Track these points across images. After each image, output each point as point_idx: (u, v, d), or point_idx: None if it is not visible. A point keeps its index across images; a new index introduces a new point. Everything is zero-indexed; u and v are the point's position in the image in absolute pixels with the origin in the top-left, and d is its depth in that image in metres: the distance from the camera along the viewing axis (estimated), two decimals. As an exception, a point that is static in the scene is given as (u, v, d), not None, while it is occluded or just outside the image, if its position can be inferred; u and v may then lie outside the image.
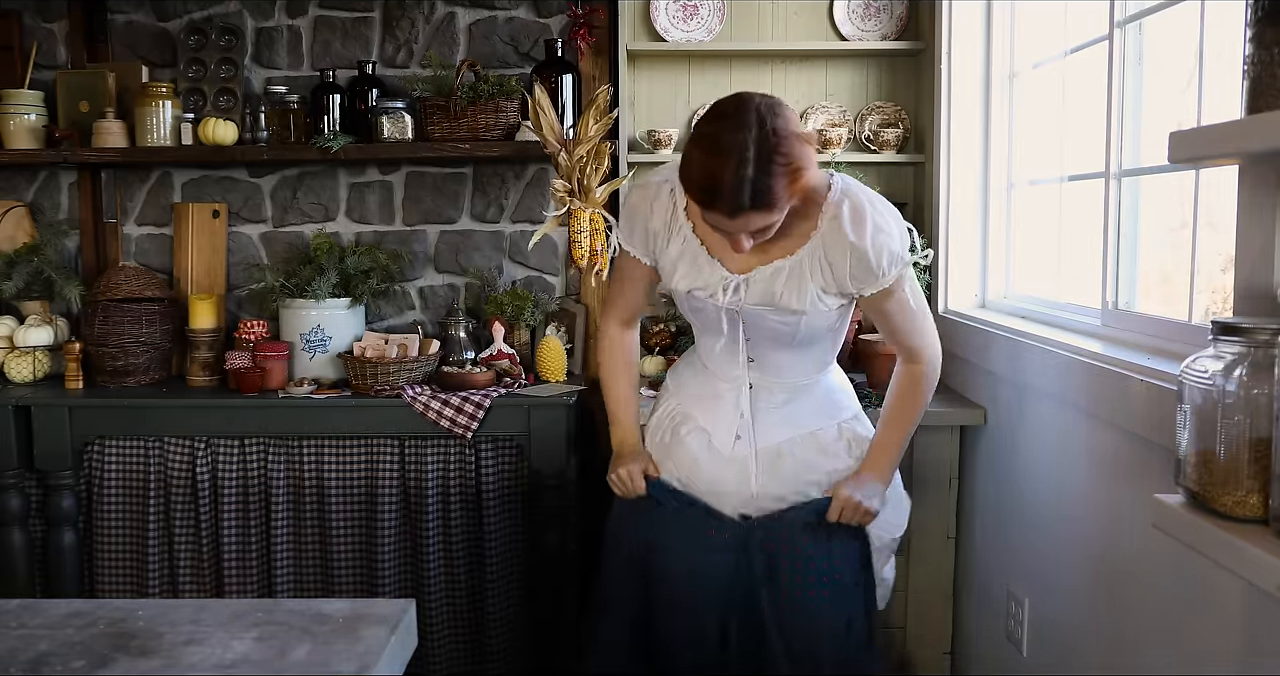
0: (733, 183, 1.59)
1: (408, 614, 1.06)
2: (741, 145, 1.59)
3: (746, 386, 1.93)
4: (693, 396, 2.00)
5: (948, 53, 2.72)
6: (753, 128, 1.60)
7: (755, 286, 1.82)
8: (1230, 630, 1.40)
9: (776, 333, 1.85)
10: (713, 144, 1.62)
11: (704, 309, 1.89)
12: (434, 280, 3.13)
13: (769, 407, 1.93)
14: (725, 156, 1.60)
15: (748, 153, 1.59)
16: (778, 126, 1.61)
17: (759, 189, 1.60)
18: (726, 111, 1.64)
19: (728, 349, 1.92)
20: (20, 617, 1.05)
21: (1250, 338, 1.13)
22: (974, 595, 2.50)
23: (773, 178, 1.60)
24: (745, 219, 1.64)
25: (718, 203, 1.62)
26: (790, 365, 1.92)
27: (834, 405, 1.98)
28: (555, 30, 3.02)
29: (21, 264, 2.94)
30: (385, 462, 2.64)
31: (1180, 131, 1.21)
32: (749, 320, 1.86)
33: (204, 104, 3.02)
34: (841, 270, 1.78)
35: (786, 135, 1.62)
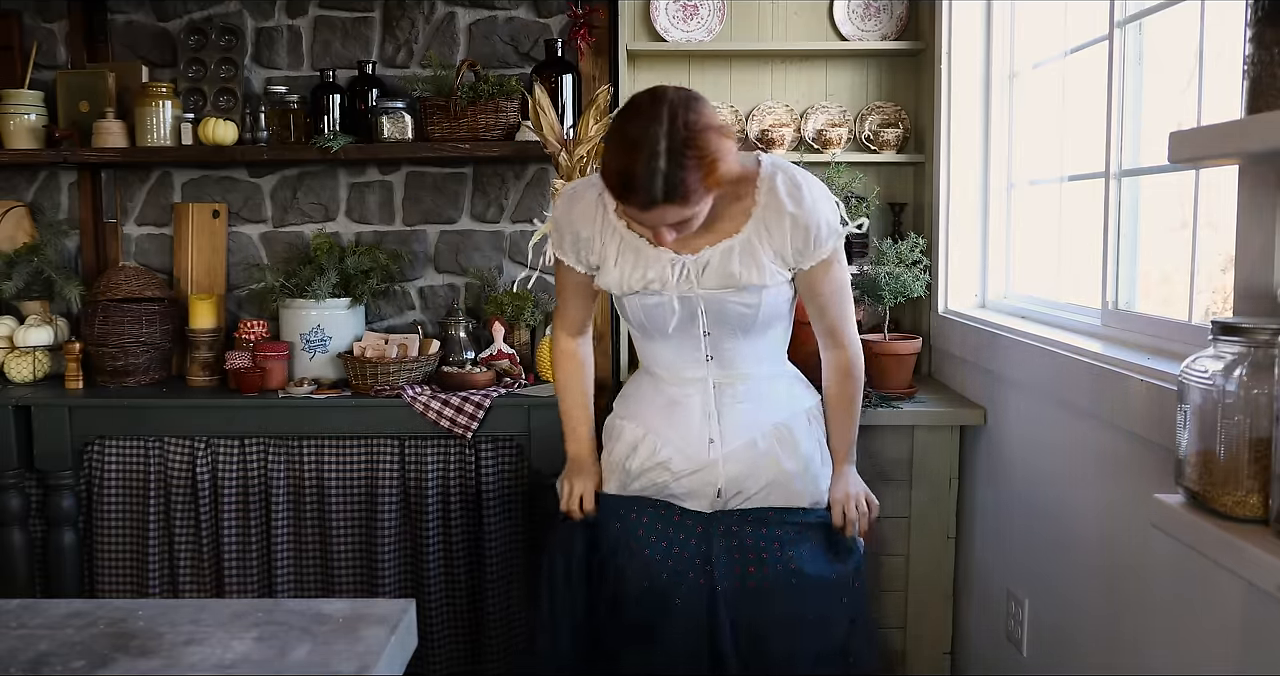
0: (645, 176, 1.61)
1: (408, 614, 1.06)
2: (653, 139, 1.62)
3: (710, 386, 1.91)
4: (653, 415, 1.95)
5: (948, 53, 2.72)
6: (664, 122, 1.62)
7: (710, 269, 1.81)
8: (1230, 630, 1.40)
9: (738, 317, 1.84)
10: (625, 138, 1.64)
11: (658, 306, 1.85)
12: (434, 280, 3.13)
13: (734, 403, 1.90)
14: (637, 150, 1.62)
15: (659, 146, 1.61)
16: (690, 120, 1.64)
17: (671, 182, 1.62)
18: (640, 107, 1.67)
19: (685, 349, 1.90)
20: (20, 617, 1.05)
21: (1250, 337, 1.13)
22: (974, 595, 2.50)
23: (685, 170, 1.62)
24: (660, 212, 1.66)
25: (631, 196, 1.65)
26: (750, 356, 1.91)
27: (795, 398, 1.98)
28: (555, 30, 3.02)
29: (21, 264, 2.94)
30: (385, 462, 2.64)
31: (1180, 131, 1.21)
32: (709, 308, 1.84)
33: (204, 104, 3.02)
34: (783, 241, 1.81)
35: (699, 128, 1.64)
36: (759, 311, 1.85)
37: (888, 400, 2.50)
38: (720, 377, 1.91)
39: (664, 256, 1.83)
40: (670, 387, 1.94)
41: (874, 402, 2.47)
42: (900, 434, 2.49)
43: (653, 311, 1.87)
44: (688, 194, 1.64)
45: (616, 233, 1.86)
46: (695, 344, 1.89)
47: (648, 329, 1.92)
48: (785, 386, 1.98)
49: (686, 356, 1.91)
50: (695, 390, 1.92)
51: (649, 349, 1.97)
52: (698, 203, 1.68)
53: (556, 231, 1.94)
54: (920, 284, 2.59)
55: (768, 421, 1.91)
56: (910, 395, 2.57)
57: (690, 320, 1.86)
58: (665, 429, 1.92)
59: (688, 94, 1.68)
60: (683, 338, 1.89)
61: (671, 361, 1.93)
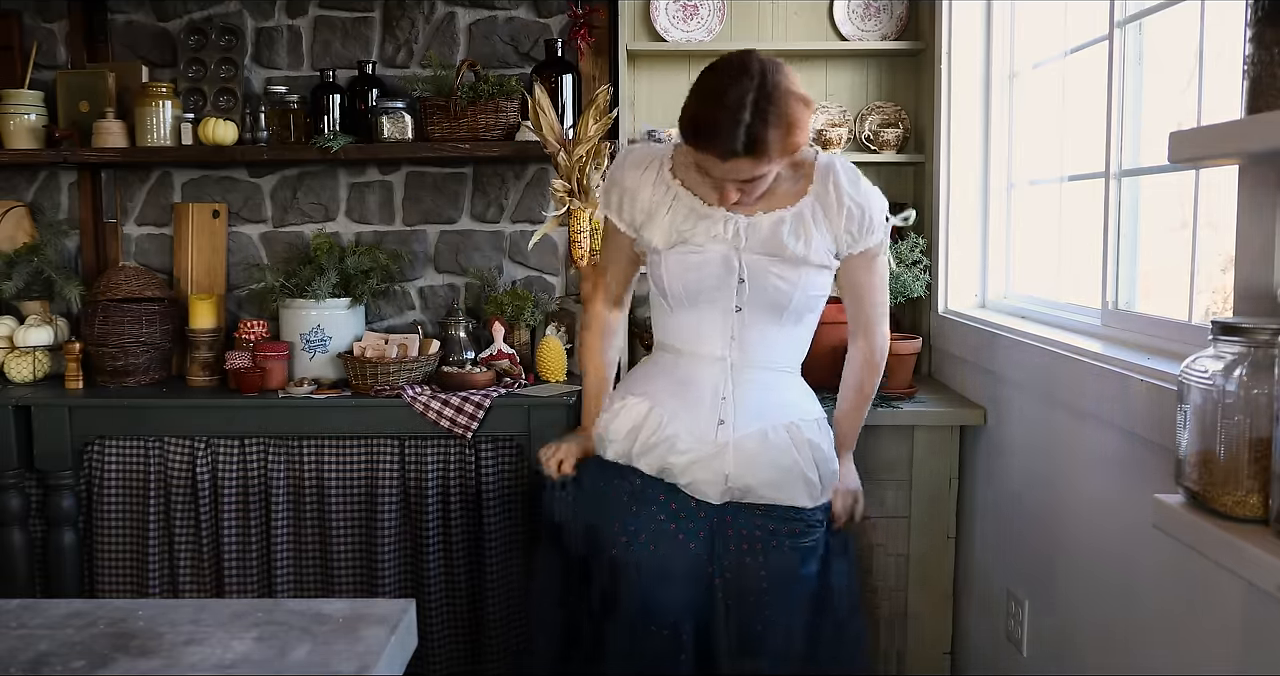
0: (729, 126, 1.65)
1: (408, 614, 1.06)
2: (742, 91, 1.65)
3: (728, 367, 1.87)
4: (661, 390, 1.91)
5: (948, 53, 2.72)
6: (754, 77, 1.67)
7: (760, 232, 1.83)
8: (1230, 630, 1.40)
9: (775, 292, 1.84)
10: (713, 89, 1.68)
11: (700, 265, 1.84)
12: (434, 280, 3.13)
13: (749, 389, 1.88)
14: (724, 99, 1.66)
15: (746, 98, 1.65)
16: (778, 80, 1.68)
17: (753, 136, 1.65)
18: (731, 62, 1.71)
19: (712, 323, 1.87)
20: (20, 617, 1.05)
21: (1250, 337, 1.13)
22: (974, 595, 2.50)
23: (767, 126, 1.66)
24: (735, 165, 1.69)
25: (711, 144, 1.67)
26: (773, 346, 1.89)
27: (808, 404, 1.97)
28: (555, 30, 3.02)
29: (21, 264, 2.94)
30: (385, 462, 2.64)
31: (1180, 131, 1.21)
32: (750, 275, 1.83)
33: (204, 104, 3.02)
34: (837, 222, 1.85)
35: (786, 91, 1.68)
36: (795, 291, 1.84)
37: (888, 400, 2.50)
38: (740, 361, 1.88)
39: (717, 212, 1.84)
40: (685, 364, 1.90)
41: (874, 402, 2.46)
42: (900, 434, 2.49)
43: (692, 270, 1.85)
44: (766, 150, 1.67)
45: (670, 189, 1.87)
46: (724, 319, 1.87)
47: (681, 293, 1.87)
48: (799, 391, 1.96)
49: (712, 331, 1.88)
50: (712, 369, 1.88)
51: (672, 322, 1.92)
52: (771, 162, 1.71)
53: (607, 188, 1.94)
54: (920, 284, 2.59)
55: (781, 417, 1.89)
56: (910, 395, 2.57)
57: (727, 285, 1.84)
58: (673, 404, 1.88)
59: (778, 60, 1.73)
60: (712, 309, 1.86)
61: (694, 335, 1.89)
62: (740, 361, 1.88)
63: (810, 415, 1.94)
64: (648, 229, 1.89)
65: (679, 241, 1.85)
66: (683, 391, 1.89)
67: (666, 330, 1.95)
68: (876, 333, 2.01)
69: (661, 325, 1.97)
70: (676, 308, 1.90)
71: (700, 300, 1.86)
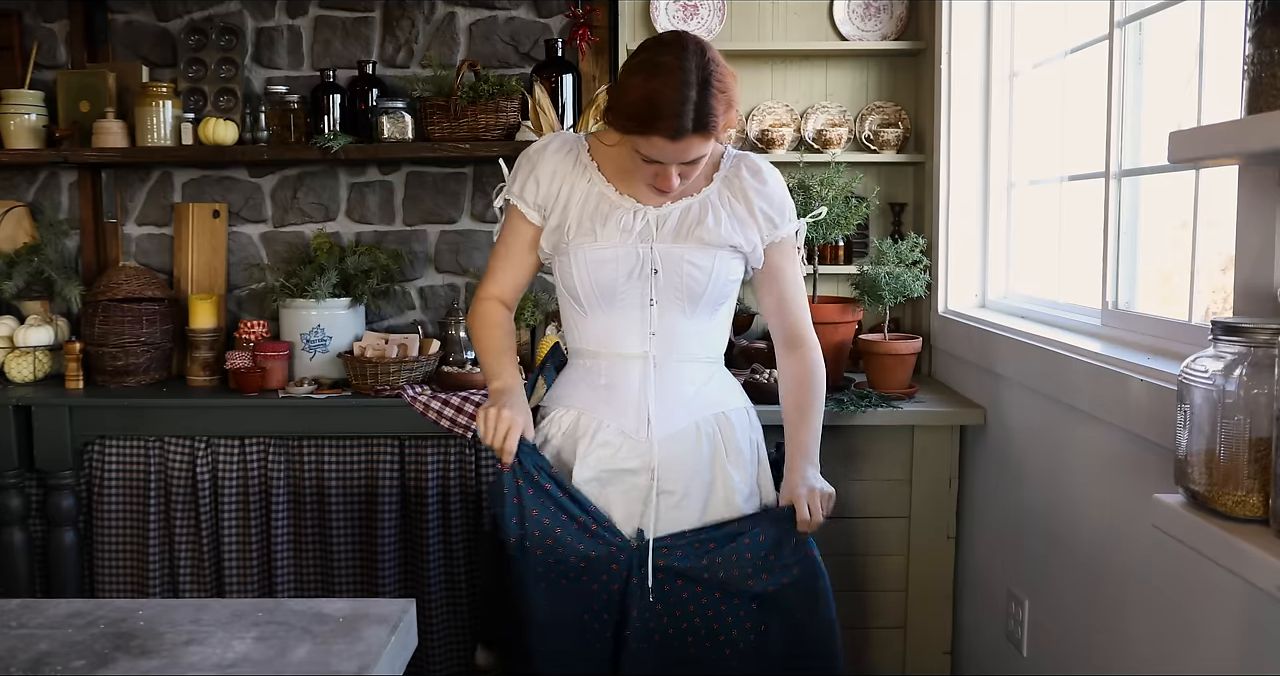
0: (677, 102, 1.62)
1: (408, 614, 1.06)
2: (685, 68, 1.64)
3: (651, 364, 1.82)
4: (586, 397, 1.85)
5: (948, 53, 2.72)
6: (693, 55, 1.65)
7: (671, 222, 1.82)
8: (1230, 630, 1.40)
9: (690, 281, 1.80)
10: (655, 67, 1.65)
11: (610, 262, 1.79)
12: (434, 280, 3.13)
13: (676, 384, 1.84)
14: (669, 77, 1.63)
15: (690, 75, 1.64)
16: (714, 56, 1.68)
17: (701, 111, 1.64)
18: (665, 41, 1.69)
19: (628, 321, 1.83)
20: (20, 617, 1.05)
21: (1250, 337, 1.13)
22: (974, 595, 2.50)
23: (713, 101, 1.65)
24: (686, 144, 1.67)
25: (660, 124, 1.64)
26: (694, 337, 1.85)
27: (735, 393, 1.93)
28: (555, 30, 3.02)
29: (22, 264, 2.94)
30: (385, 462, 2.64)
31: (1180, 131, 1.21)
32: (663, 267, 1.80)
33: (204, 104, 3.02)
34: (749, 207, 1.85)
35: (722, 65, 1.69)
36: (710, 278, 1.81)
37: (888, 400, 2.50)
38: (661, 355, 1.83)
39: (627, 204, 1.82)
40: (607, 367, 1.84)
41: (874, 402, 2.47)
42: (900, 434, 2.49)
43: (602, 268, 1.80)
44: (713, 125, 1.66)
45: (586, 177, 1.84)
46: (640, 314, 1.83)
47: (593, 294, 1.82)
48: (725, 382, 1.92)
49: (629, 329, 1.83)
50: (634, 367, 1.82)
51: (587, 324, 1.86)
52: (715, 140, 1.70)
53: (518, 175, 1.88)
54: (920, 284, 2.59)
55: (709, 409, 1.85)
56: (910, 395, 2.57)
57: (639, 281, 1.81)
58: (602, 409, 1.82)
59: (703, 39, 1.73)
60: (627, 308, 1.82)
61: (611, 336, 1.84)
62: (662, 356, 1.84)
63: (738, 404, 1.91)
64: (556, 216, 1.84)
65: (587, 236, 1.80)
66: (608, 395, 1.84)
67: (582, 335, 1.89)
68: (808, 334, 1.94)
69: (575, 330, 1.91)
70: (590, 309, 1.85)
71: (615, 297, 1.82)
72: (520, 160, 1.91)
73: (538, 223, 1.88)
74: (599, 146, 1.87)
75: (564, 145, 1.89)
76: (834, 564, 2.53)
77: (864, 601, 2.55)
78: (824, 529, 2.53)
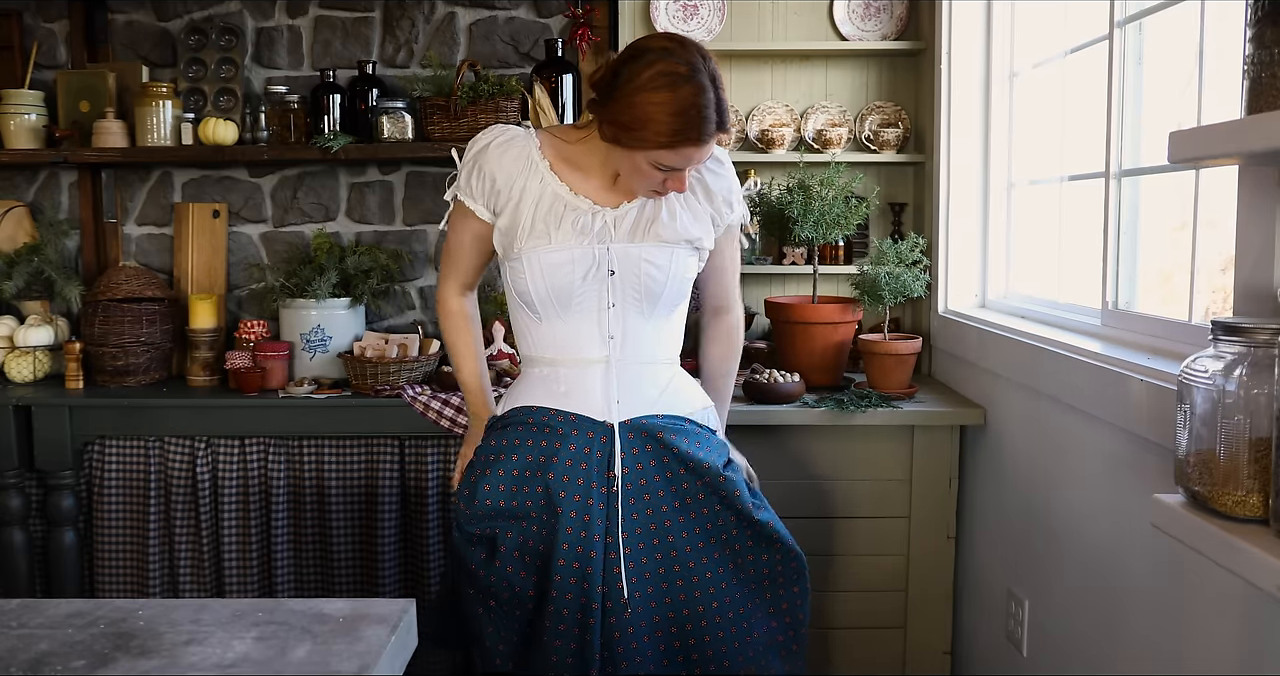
0: (707, 106, 1.62)
1: (408, 614, 1.06)
2: (700, 70, 1.63)
3: (611, 367, 1.79)
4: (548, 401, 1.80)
5: (948, 53, 2.72)
6: (698, 56, 1.64)
7: (626, 222, 1.78)
8: (1230, 630, 1.40)
9: (648, 280, 1.77)
10: (678, 77, 1.61)
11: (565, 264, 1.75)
12: (434, 280, 3.13)
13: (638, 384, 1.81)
14: (693, 85, 1.61)
15: (705, 78, 1.63)
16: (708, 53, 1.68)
17: (721, 109, 1.65)
18: (671, 48, 1.64)
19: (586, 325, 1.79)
20: (20, 617, 1.05)
21: (1250, 337, 1.13)
22: (974, 595, 2.50)
23: (724, 95, 1.66)
24: (708, 147, 1.67)
25: (694, 131, 1.62)
26: (652, 339, 1.82)
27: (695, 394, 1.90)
28: (555, 30, 3.02)
29: (22, 264, 2.94)
30: (385, 462, 2.64)
31: (1180, 131, 1.21)
32: (620, 268, 1.77)
33: (204, 104, 3.02)
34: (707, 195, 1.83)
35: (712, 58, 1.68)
36: (668, 276, 1.78)
37: (888, 400, 2.50)
38: (622, 359, 1.80)
39: (583, 205, 1.77)
40: (566, 374, 1.80)
41: (874, 402, 2.47)
42: (900, 434, 2.49)
43: (558, 271, 1.75)
44: (729, 122, 1.69)
45: (540, 178, 1.78)
46: (598, 318, 1.79)
47: (548, 299, 1.77)
48: (685, 380, 1.90)
49: (587, 333, 1.79)
50: (595, 372, 1.79)
51: (543, 331, 1.81)
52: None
53: (469, 172, 1.82)
54: (920, 284, 2.59)
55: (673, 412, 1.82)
56: (910, 395, 2.57)
57: (596, 283, 1.77)
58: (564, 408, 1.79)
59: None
60: (584, 312, 1.78)
61: (569, 342, 1.80)
62: (622, 360, 1.80)
63: (700, 404, 1.89)
64: (508, 216, 1.79)
65: (541, 239, 1.76)
66: (568, 404, 1.79)
67: (537, 342, 1.83)
68: (737, 302, 2.00)
69: (529, 337, 1.84)
70: (546, 315, 1.79)
71: (571, 302, 1.78)
72: (467, 155, 1.84)
73: (488, 219, 1.83)
74: (551, 142, 1.81)
75: (510, 140, 1.81)
76: (834, 564, 2.54)
77: (864, 601, 2.55)
78: (824, 529, 2.54)
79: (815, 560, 2.45)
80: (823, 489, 2.50)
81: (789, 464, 2.49)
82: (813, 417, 2.43)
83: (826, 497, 2.50)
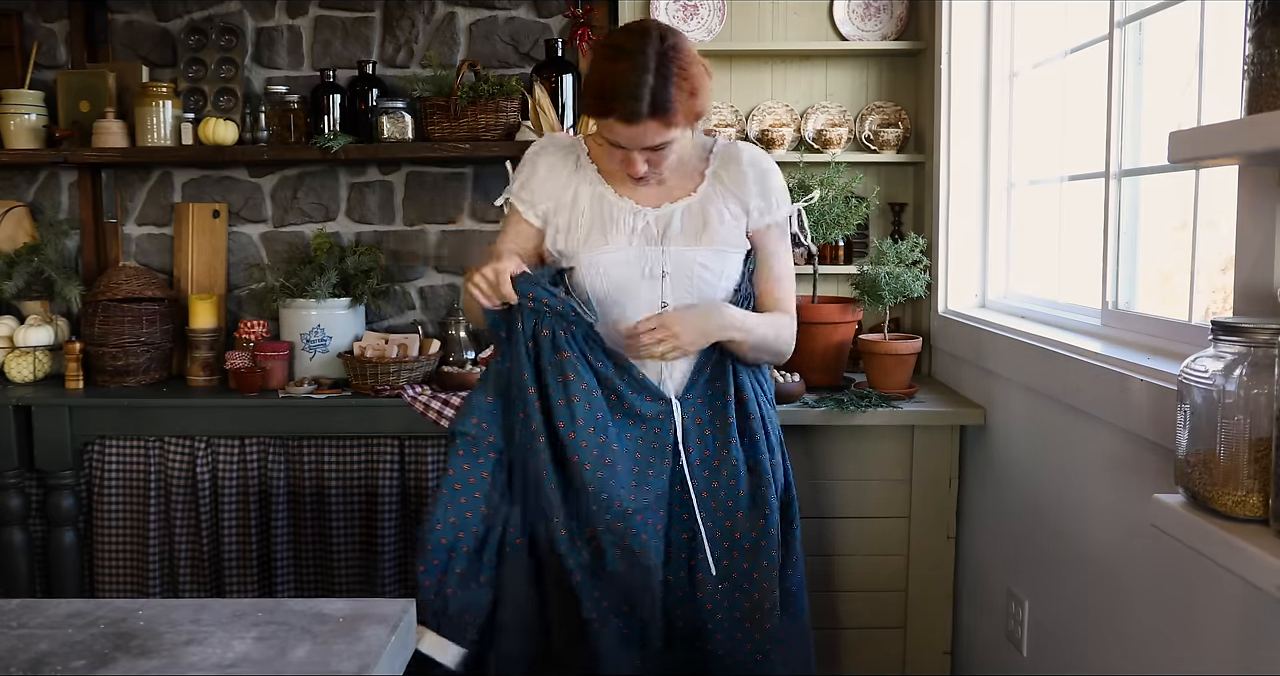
0: (633, 84, 1.64)
1: (408, 614, 1.06)
2: (641, 52, 1.65)
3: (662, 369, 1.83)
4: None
5: (948, 53, 2.72)
6: (653, 40, 1.67)
7: (673, 225, 1.82)
8: (1230, 630, 1.40)
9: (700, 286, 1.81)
10: (614, 51, 1.67)
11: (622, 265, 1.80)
12: (434, 280, 3.13)
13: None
14: (626, 60, 1.65)
15: (647, 60, 1.65)
16: (678, 43, 1.69)
17: (658, 97, 1.65)
18: (629, 28, 1.73)
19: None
20: (20, 617, 1.05)
21: (1250, 337, 1.13)
22: (974, 595, 2.50)
23: (671, 87, 1.66)
24: (642, 128, 1.67)
25: (615, 106, 1.65)
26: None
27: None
28: (555, 30, 3.02)
29: (22, 264, 2.94)
30: (385, 462, 2.64)
31: (1180, 131, 1.21)
32: (674, 271, 1.80)
33: (204, 104, 3.02)
34: (742, 193, 1.85)
35: (685, 52, 1.70)
36: (720, 279, 1.82)
37: (888, 400, 2.50)
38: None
39: (626, 206, 1.83)
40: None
41: (874, 402, 2.47)
42: (900, 434, 2.49)
43: (615, 270, 1.81)
44: (671, 111, 1.67)
45: (590, 182, 1.85)
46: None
47: (607, 298, 1.82)
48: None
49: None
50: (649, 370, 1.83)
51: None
52: (676, 126, 1.70)
53: (521, 176, 1.88)
54: (920, 284, 2.59)
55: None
56: (910, 395, 2.57)
57: (651, 283, 1.81)
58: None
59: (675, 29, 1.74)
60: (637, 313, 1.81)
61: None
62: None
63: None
64: (563, 218, 1.84)
65: (598, 239, 1.81)
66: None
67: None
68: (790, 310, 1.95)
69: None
70: (604, 314, 1.84)
71: (627, 301, 1.82)
72: (522, 161, 1.92)
73: (537, 224, 1.88)
74: (594, 149, 1.88)
75: (561, 148, 1.90)
76: (835, 564, 2.54)
77: (864, 601, 2.55)
78: (824, 529, 2.54)
79: (815, 560, 2.45)
80: (823, 489, 2.49)
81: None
82: (813, 417, 2.43)
83: (827, 497, 2.50)
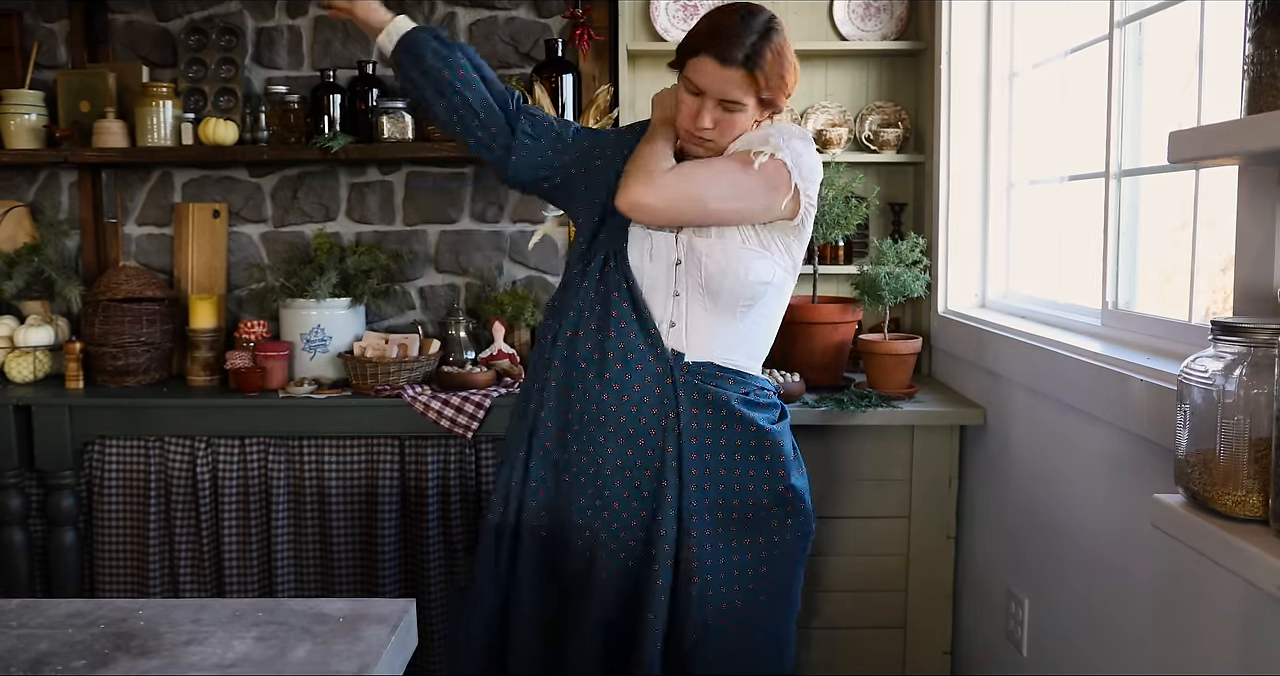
0: (738, 33, 1.73)
1: (408, 614, 1.06)
2: (755, 16, 1.76)
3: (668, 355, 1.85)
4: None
5: (948, 53, 2.72)
6: (768, 16, 1.79)
7: None
8: (1230, 630, 1.40)
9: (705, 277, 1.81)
10: (730, 9, 1.79)
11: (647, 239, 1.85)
12: (434, 280, 3.13)
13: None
14: (738, 16, 1.76)
15: (759, 23, 1.76)
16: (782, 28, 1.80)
17: (756, 50, 1.73)
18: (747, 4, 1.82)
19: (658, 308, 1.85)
20: (20, 617, 1.05)
21: (1250, 337, 1.13)
22: (974, 595, 2.50)
23: (769, 51, 1.75)
24: (730, 74, 1.74)
25: (716, 42, 1.73)
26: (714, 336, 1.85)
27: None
28: (555, 30, 3.02)
29: (22, 264, 2.94)
30: (385, 462, 2.64)
31: (1180, 131, 1.21)
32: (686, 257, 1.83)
33: (204, 104, 3.02)
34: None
35: (788, 41, 1.80)
36: (725, 271, 1.80)
37: (888, 400, 2.50)
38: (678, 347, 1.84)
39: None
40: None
41: (874, 402, 2.47)
42: (900, 434, 2.49)
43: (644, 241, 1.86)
44: (762, 70, 1.74)
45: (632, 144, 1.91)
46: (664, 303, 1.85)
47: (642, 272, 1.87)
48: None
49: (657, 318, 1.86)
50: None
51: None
52: (758, 91, 1.76)
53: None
54: (920, 284, 2.59)
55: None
56: (910, 395, 2.57)
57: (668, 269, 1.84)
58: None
59: None
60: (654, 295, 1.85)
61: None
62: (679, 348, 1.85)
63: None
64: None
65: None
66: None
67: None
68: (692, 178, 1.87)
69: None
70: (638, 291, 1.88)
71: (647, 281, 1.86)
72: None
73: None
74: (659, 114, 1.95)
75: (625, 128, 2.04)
76: (834, 563, 2.54)
77: (864, 601, 2.55)
78: (824, 528, 2.53)
79: (815, 560, 2.45)
80: (823, 488, 2.49)
81: (789, 464, 2.49)
82: (813, 417, 2.43)
83: (827, 497, 2.50)
